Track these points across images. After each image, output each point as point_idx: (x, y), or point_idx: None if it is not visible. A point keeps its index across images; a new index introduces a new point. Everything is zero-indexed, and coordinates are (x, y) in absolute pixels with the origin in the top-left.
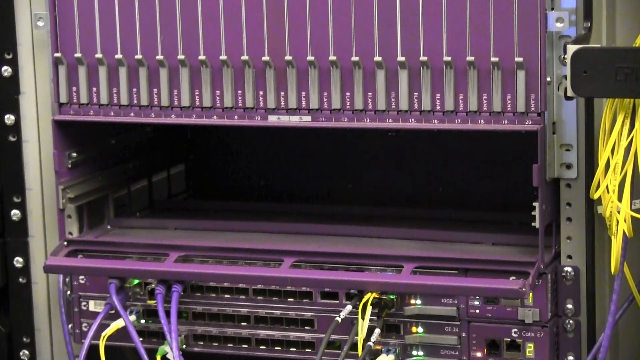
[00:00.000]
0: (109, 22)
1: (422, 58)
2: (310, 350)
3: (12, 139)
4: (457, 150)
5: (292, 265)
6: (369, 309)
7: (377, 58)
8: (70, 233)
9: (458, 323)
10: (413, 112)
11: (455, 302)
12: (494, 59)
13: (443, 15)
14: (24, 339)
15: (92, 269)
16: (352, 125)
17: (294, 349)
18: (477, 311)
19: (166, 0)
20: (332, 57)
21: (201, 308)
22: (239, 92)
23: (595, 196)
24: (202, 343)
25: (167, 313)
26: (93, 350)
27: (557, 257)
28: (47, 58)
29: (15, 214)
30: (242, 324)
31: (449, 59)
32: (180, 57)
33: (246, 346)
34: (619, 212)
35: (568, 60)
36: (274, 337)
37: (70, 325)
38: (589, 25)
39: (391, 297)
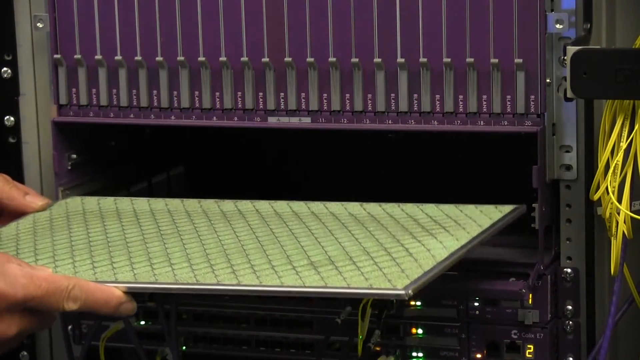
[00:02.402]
0: (109, 23)
1: (422, 59)
2: (309, 352)
3: (11, 140)
4: (457, 151)
5: None
6: (369, 310)
7: (377, 59)
8: None
9: (458, 324)
10: (412, 114)
11: (455, 303)
12: (493, 60)
13: (443, 17)
14: (24, 340)
15: None
16: (352, 127)
17: (294, 350)
18: (477, 312)
19: (166, 2)
20: (331, 59)
21: (201, 309)
22: (239, 93)
23: (595, 197)
24: (202, 344)
25: (167, 314)
26: (93, 351)
27: (556, 258)
28: (46, 59)
29: None
30: (242, 325)
31: (448, 60)
32: (180, 58)
33: (246, 347)
34: (618, 214)
35: (568, 62)
36: (274, 339)
37: (69, 327)
38: (589, 26)
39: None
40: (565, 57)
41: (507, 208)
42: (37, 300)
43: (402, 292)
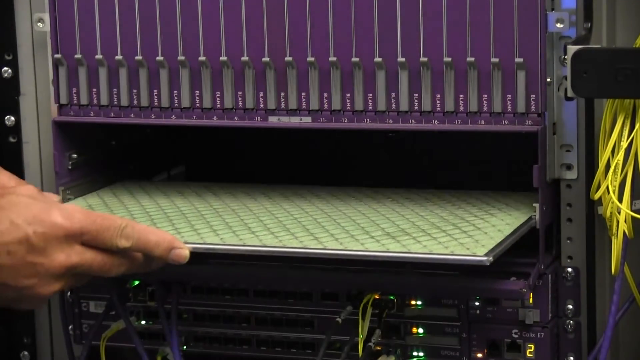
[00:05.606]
0: (109, 23)
1: (422, 59)
2: (310, 351)
3: (12, 140)
4: (457, 150)
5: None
6: (370, 309)
7: (377, 59)
8: None
9: (459, 324)
10: (413, 113)
11: (456, 303)
12: (494, 59)
13: (443, 16)
14: (25, 340)
15: None
16: (352, 126)
17: (295, 350)
18: (478, 312)
19: (166, 1)
20: (332, 58)
21: (202, 309)
22: (239, 93)
23: (596, 197)
24: (202, 344)
25: (168, 314)
26: (93, 351)
27: (557, 257)
28: (47, 59)
29: None
30: (243, 324)
31: (449, 59)
32: (181, 58)
33: (246, 347)
34: (619, 213)
35: (568, 61)
36: (275, 338)
37: (70, 326)
38: (589, 25)
39: (391, 297)
40: (565, 57)
41: None
42: (93, 234)
43: (484, 258)
